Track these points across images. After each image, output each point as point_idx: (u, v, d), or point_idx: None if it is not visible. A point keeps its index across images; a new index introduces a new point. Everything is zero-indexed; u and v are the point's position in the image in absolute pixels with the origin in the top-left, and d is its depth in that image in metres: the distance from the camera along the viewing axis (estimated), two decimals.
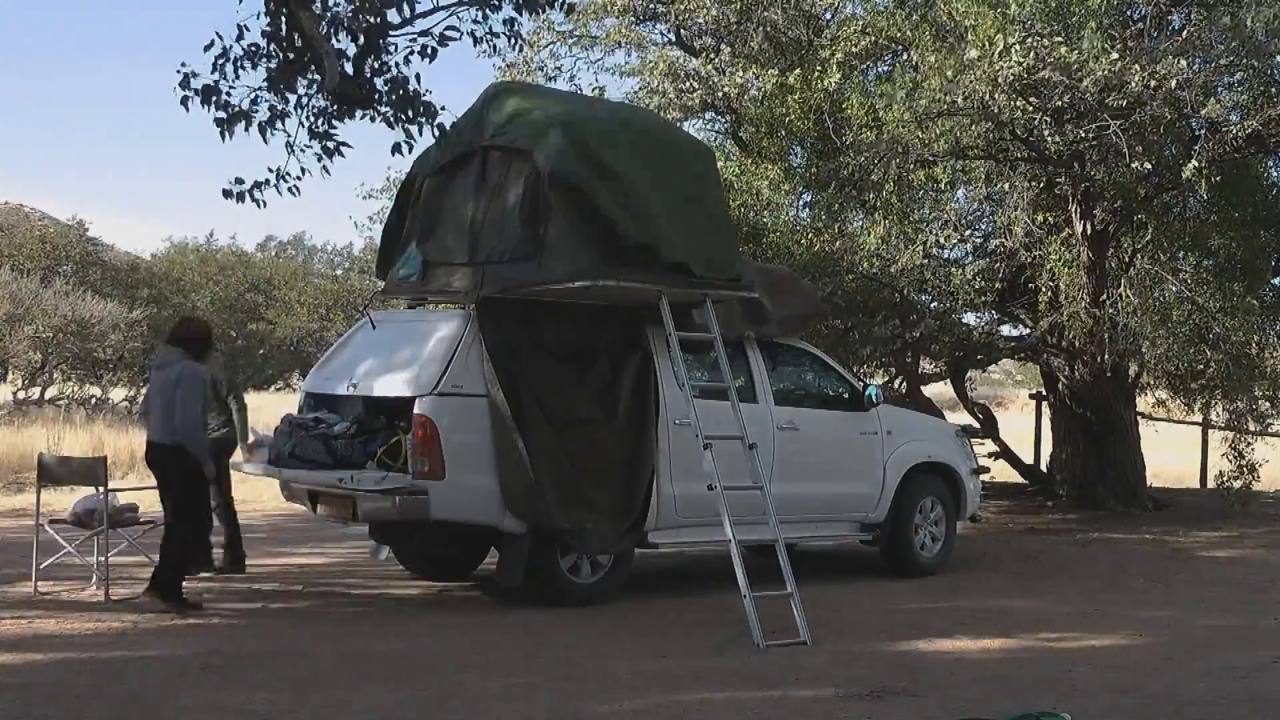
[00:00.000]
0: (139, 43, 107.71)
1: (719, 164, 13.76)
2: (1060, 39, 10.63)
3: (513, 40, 7.83)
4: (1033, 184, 13.05)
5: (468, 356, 8.08)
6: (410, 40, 7.44)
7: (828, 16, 14.57)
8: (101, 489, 8.39)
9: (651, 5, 14.98)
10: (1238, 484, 13.81)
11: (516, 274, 8.01)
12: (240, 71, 7.31)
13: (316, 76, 7.32)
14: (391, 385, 8.28)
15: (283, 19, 7.21)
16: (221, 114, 7.26)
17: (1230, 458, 13.84)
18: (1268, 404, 14.16)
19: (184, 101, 7.18)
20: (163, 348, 8.52)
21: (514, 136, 8.22)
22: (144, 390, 8.53)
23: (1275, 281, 14.46)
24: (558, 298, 8.32)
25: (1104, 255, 13.49)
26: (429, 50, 7.43)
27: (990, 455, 14.69)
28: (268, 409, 22.73)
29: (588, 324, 8.59)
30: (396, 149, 7.59)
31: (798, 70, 13.09)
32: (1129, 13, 12.44)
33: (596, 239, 7.91)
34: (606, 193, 7.92)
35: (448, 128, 7.61)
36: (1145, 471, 15.05)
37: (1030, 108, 11.23)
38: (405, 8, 7.24)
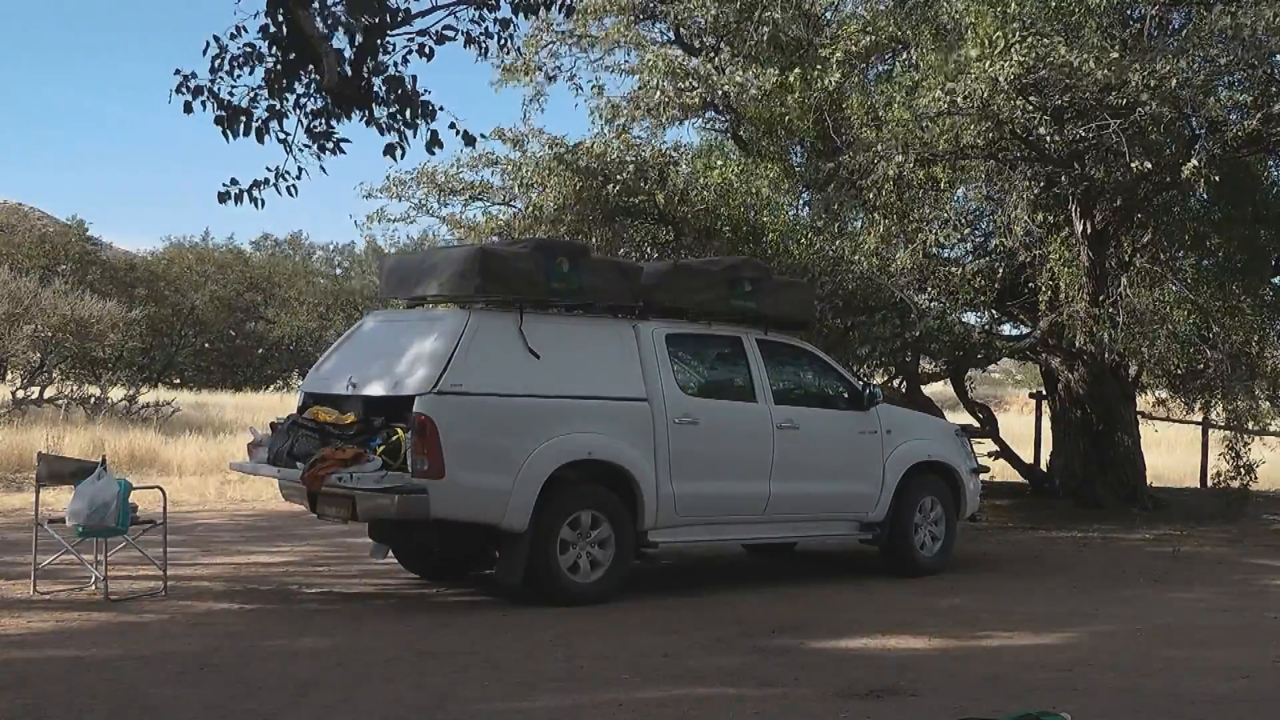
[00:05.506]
0: (138, 42, 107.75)
1: (719, 164, 13.90)
2: (1060, 39, 10.62)
3: (503, 43, 7.85)
4: (1032, 183, 13.03)
5: (467, 355, 8.09)
6: (408, 40, 7.45)
7: (828, 16, 14.55)
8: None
9: (651, 4, 14.95)
10: (1235, 484, 13.81)
11: None
12: (237, 72, 7.31)
13: (315, 76, 7.32)
14: (391, 384, 8.28)
15: (280, 16, 7.21)
16: (222, 113, 7.27)
17: (1228, 458, 13.85)
18: (1267, 404, 14.16)
19: (187, 106, 7.17)
20: None
21: None
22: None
23: (1275, 281, 14.47)
24: None
25: (1104, 255, 13.48)
26: (427, 49, 7.43)
27: (990, 455, 14.68)
28: (267, 408, 22.81)
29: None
30: (389, 151, 7.58)
31: (797, 69, 13.08)
32: (1129, 12, 12.43)
33: None
34: None
35: (449, 128, 7.62)
36: (1145, 471, 15.04)
37: (1030, 107, 11.22)
38: (400, 12, 7.26)
